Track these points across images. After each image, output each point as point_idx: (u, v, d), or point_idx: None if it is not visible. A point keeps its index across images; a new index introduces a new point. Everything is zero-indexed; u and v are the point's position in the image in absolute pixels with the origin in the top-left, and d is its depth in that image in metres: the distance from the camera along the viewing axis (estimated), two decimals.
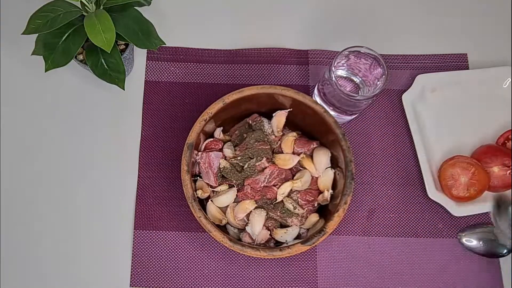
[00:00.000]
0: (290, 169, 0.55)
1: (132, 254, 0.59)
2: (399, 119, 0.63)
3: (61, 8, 0.53)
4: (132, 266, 0.58)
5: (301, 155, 0.55)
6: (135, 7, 0.57)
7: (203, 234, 0.60)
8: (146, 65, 0.65)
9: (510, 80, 0.63)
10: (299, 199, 0.54)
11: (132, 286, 0.58)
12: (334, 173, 0.55)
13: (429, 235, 0.60)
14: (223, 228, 0.55)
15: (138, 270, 0.58)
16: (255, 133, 0.55)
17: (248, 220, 0.54)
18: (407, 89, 0.63)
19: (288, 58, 0.65)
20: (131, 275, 0.58)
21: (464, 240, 0.57)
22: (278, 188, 0.54)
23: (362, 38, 0.66)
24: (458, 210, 0.58)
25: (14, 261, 0.59)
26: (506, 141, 0.61)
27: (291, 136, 0.56)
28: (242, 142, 0.55)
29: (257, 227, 0.52)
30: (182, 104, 0.64)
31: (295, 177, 0.55)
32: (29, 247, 0.59)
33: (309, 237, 0.50)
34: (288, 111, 0.55)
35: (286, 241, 0.53)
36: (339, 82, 0.58)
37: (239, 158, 0.54)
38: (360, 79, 0.59)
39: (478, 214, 0.60)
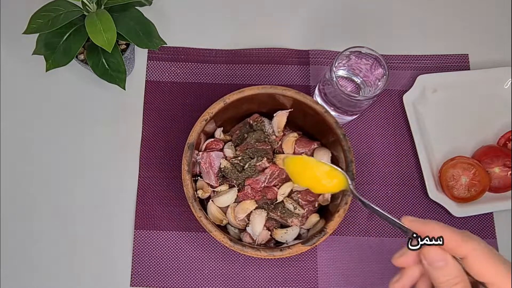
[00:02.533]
0: None
1: (133, 254, 0.59)
2: (400, 120, 0.63)
3: (62, 8, 0.53)
4: (132, 266, 0.58)
5: (302, 155, 0.55)
6: (136, 7, 0.57)
7: (203, 234, 0.59)
8: (147, 65, 0.65)
9: (511, 80, 0.63)
10: (300, 200, 0.54)
11: (132, 286, 0.58)
12: None
13: None
14: (223, 228, 0.55)
15: (139, 270, 0.58)
16: (255, 133, 0.55)
17: (248, 220, 0.54)
18: (408, 90, 0.63)
19: (289, 58, 0.65)
20: (131, 275, 0.58)
21: None
22: (278, 188, 0.54)
23: (363, 38, 0.66)
24: (459, 211, 0.58)
25: (14, 261, 0.59)
26: (507, 142, 0.61)
27: (292, 136, 0.56)
28: (243, 142, 0.55)
29: (257, 228, 0.52)
30: (183, 104, 0.64)
31: None
32: (29, 247, 0.59)
33: (310, 238, 0.50)
34: (289, 111, 0.55)
35: (287, 241, 0.53)
36: (340, 83, 0.58)
37: (239, 158, 0.54)
38: (361, 79, 0.59)
39: (479, 214, 0.60)
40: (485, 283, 0.33)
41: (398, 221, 0.36)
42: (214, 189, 0.55)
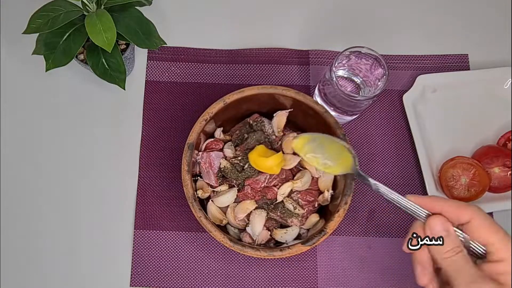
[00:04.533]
0: (291, 169, 0.55)
1: (132, 254, 0.59)
2: (400, 120, 0.63)
3: (62, 8, 0.54)
4: (132, 266, 0.58)
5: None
6: (136, 7, 0.57)
7: (203, 234, 0.59)
8: (147, 65, 0.65)
9: (511, 81, 0.63)
10: (300, 200, 0.54)
11: (132, 286, 0.58)
12: None
13: None
14: (223, 228, 0.55)
15: (138, 270, 0.58)
16: (255, 133, 0.55)
17: (248, 220, 0.54)
18: (408, 90, 0.63)
19: (289, 58, 0.65)
20: (131, 275, 0.58)
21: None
22: (278, 188, 0.54)
23: (363, 38, 0.66)
24: None
25: (14, 261, 0.59)
26: (506, 142, 0.61)
27: (292, 136, 0.55)
28: (243, 142, 0.55)
29: (257, 228, 0.52)
30: (183, 104, 0.64)
31: (295, 178, 0.55)
32: (29, 247, 0.59)
33: (310, 238, 0.50)
34: (289, 111, 0.55)
35: (286, 241, 0.53)
36: (340, 83, 0.58)
37: (239, 158, 0.54)
38: (361, 79, 0.59)
39: None
40: (486, 244, 0.36)
41: (406, 200, 0.40)
42: (214, 189, 0.55)
